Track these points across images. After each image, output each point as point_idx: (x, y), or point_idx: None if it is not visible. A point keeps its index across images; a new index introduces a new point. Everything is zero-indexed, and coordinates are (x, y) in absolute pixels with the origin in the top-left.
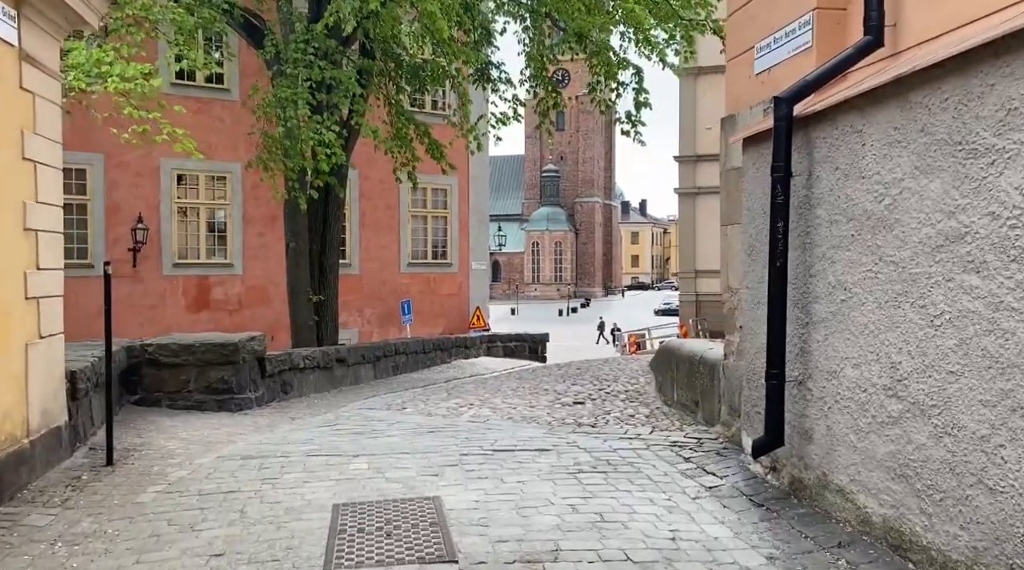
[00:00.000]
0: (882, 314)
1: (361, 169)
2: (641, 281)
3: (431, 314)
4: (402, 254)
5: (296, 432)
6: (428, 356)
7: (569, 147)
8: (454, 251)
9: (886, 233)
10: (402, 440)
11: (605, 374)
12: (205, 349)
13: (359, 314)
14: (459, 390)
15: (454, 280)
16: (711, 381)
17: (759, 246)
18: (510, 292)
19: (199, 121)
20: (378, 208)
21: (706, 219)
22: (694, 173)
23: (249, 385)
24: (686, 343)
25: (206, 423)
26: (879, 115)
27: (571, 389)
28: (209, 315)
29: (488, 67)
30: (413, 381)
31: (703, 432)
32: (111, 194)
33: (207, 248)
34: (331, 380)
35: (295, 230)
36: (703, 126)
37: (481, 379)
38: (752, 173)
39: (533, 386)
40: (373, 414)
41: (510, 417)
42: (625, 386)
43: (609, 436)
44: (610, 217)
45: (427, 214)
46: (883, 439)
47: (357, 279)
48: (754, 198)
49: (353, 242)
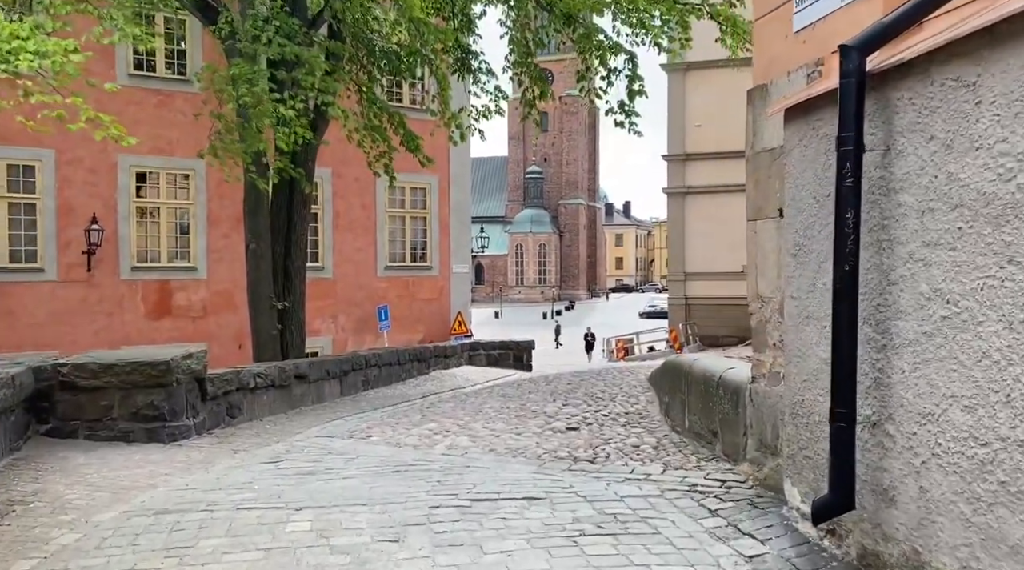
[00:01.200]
0: (1014, 338)
1: (335, 167)
2: (625, 283)
3: (410, 320)
4: (379, 257)
5: (234, 471)
6: (404, 368)
7: (553, 149)
8: (434, 253)
9: (1020, 224)
10: (360, 483)
11: (600, 391)
12: (131, 369)
13: (333, 321)
14: (435, 410)
15: (434, 284)
16: (733, 408)
17: (809, 244)
18: (493, 295)
19: (160, 115)
20: (353, 208)
21: (696, 219)
22: (683, 172)
23: (186, 410)
24: (699, 360)
25: (129, 459)
26: (1009, 60)
27: (563, 411)
28: (171, 322)
29: (468, 56)
30: (385, 398)
31: (726, 471)
32: (63, 192)
33: (169, 250)
34: (289, 400)
35: (256, 230)
36: (692, 124)
37: (461, 395)
38: (799, 152)
39: (519, 406)
40: (332, 444)
41: (492, 449)
42: (624, 406)
43: (613, 476)
44: (594, 219)
45: (405, 214)
46: (1022, 517)
47: (330, 284)
48: (801, 184)
49: (326, 244)
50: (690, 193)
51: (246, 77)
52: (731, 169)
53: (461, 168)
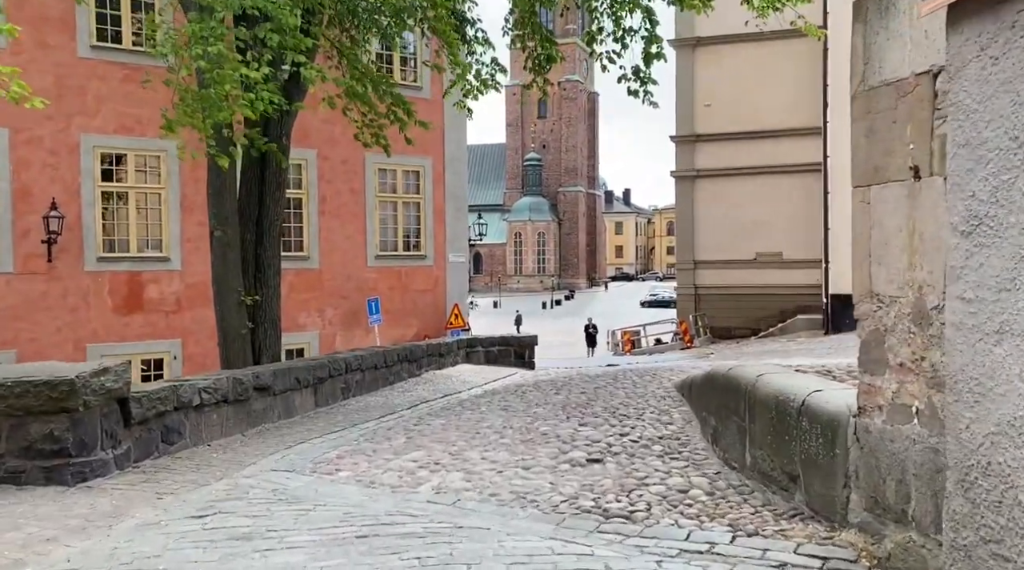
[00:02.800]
0: None
1: (320, 148)
2: (625, 272)
3: (402, 313)
4: (369, 245)
5: (144, 533)
6: (391, 371)
7: (552, 135)
8: (428, 242)
9: None
10: (307, 560)
11: (621, 403)
12: (22, 391)
13: (319, 315)
14: (424, 428)
15: (429, 274)
16: (826, 448)
17: (1002, 215)
18: (492, 284)
19: (127, 92)
20: (341, 193)
21: (706, 204)
22: (693, 154)
23: (100, 441)
24: (766, 376)
25: (7, 513)
26: None
27: (580, 433)
28: (143, 318)
29: (462, 24)
30: (367, 410)
31: (823, 540)
32: (19, 176)
33: (139, 239)
34: (248, 417)
35: (221, 214)
36: (702, 103)
37: (456, 404)
38: (980, 69)
39: (525, 425)
40: (288, 483)
41: (494, 494)
42: (655, 427)
43: (663, 547)
44: (594, 207)
45: (397, 200)
46: None
47: (316, 274)
48: (986, 120)
49: (311, 232)
50: (700, 176)
51: (200, 35)
52: (744, 150)
53: (457, 150)
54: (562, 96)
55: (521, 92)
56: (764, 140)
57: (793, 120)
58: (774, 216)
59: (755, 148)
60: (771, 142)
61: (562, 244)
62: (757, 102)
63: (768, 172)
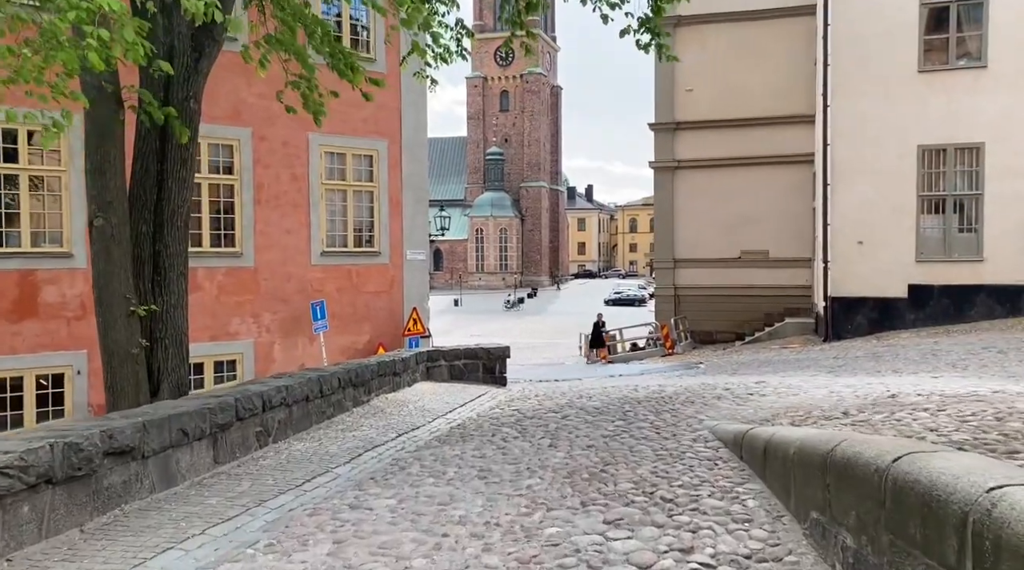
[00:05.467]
0: None
1: (256, 127)
2: (588, 269)
3: (353, 319)
4: (313, 240)
5: None
6: (331, 400)
7: (514, 129)
8: (383, 236)
9: None
10: None
11: (652, 467)
12: None
13: (255, 321)
14: (363, 516)
15: (384, 274)
16: None
17: None
18: (453, 282)
19: None
20: (280, 179)
21: (687, 198)
22: (673, 144)
23: None
24: (945, 463)
25: None
26: None
27: (611, 544)
28: (39, 325)
29: None
30: (289, 466)
31: None
32: None
33: (32, 232)
34: (93, 499)
35: (103, 198)
36: (683, 88)
37: (414, 454)
38: None
39: (519, 518)
40: None
41: None
42: (729, 530)
43: None
44: (557, 202)
45: (347, 188)
46: None
47: (251, 274)
48: None
49: (245, 224)
50: (681, 167)
51: None
52: (728, 139)
53: (415, 133)
54: (524, 89)
55: (483, 84)
56: (751, 128)
57: (783, 107)
58: (760, 211)
59: (741, 137)
60: (758, 130)
61: (525, 240)
62: (744, 87)
63: (755, 163)
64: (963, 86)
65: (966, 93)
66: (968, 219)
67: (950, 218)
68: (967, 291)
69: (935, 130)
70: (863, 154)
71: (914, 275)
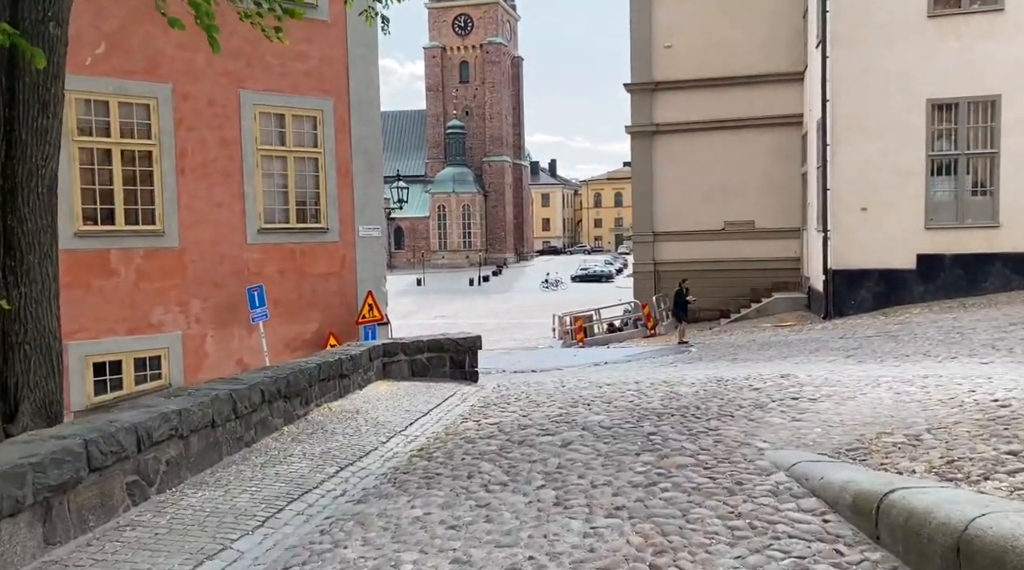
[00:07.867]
0: None
1: (177, 83)
2: (553, 245)
3: (298, 305)
4: (249, 215)
5: None
6: (249, 422)
7: (475, 101)
8: (331, 210)
9: None
10: None
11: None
12: None
13: (181, 310)
14: None
15: (333, 253)
16: None
17: None
18: (415, 261)
19: None
20: (207, 144)
21: (667, 165)
22: (651, 106)
23: None
24: None
25: None
26: None
27: None
28: None
29: None
30: (153, 545)
31: None
32: None
33: None
34: None
35: None
36: (661, 44)
37: (349, 517)
38: None
39: None
40: None
41: None
42: None
43: None
44: (520, 178)
45: (287, 154)
46: None
47: (175, 255)
48: None
49: (167, 197)
50: (660, 132)
51: None
52: (710, 100)
53: (366, 90)
54: (485, 59)
55: (441, 54)
56: (734, 88)
57: (769, 64)
58: (745, 178)
59: (724, 97)
60: (742, 90)
61: (488, 217)
62: (726, 43)
63: (739, 126)
64: (977, 32)
65: (981, 39)
66: (982, 181)
67: (962, 180)
68: (981, 260)
69: (946, 82)
70: (866, 110)
71: (923, 244)
